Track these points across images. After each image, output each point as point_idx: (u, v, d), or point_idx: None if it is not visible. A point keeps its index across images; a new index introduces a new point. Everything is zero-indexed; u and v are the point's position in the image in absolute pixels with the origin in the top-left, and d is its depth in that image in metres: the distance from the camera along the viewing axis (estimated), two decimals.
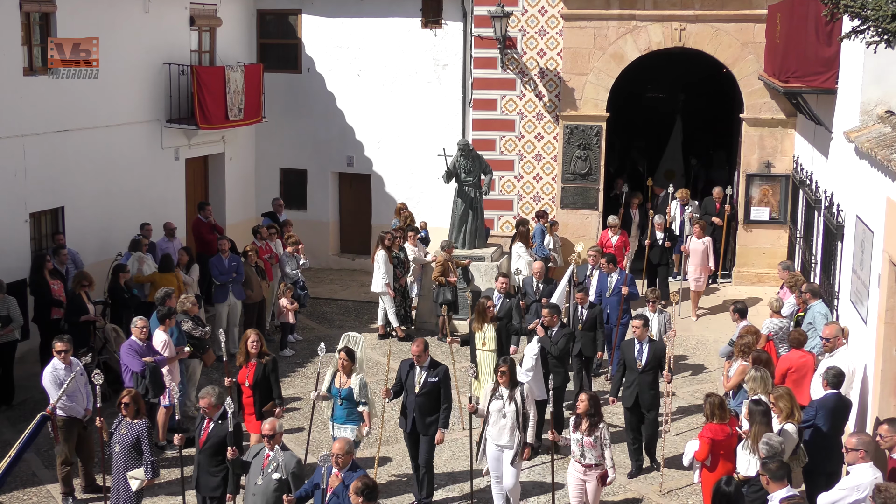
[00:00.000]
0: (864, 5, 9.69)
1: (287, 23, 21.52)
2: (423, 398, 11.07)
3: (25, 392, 14.06)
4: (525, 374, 11.86)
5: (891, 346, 10.56)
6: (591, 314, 13.82)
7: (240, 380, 11.53)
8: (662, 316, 13.80)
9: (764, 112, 18.98)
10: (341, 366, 11.22)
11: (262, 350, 11.59)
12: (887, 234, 10.56)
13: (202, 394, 10.13)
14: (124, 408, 10.16)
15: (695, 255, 17.50)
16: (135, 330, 12.13)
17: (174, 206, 18.88)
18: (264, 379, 11.45)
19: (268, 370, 11.49)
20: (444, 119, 20.61)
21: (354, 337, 12.39)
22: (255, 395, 11.40)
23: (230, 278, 15.81)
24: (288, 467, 9.28)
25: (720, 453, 9.77)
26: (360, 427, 11.23)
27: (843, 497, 8.50)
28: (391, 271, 16.85)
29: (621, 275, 15.13)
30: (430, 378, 11.06)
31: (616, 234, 17.94)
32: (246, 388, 11.44)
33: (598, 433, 10.04)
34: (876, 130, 11.54)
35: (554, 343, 12.58)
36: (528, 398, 10.64)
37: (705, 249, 17.48)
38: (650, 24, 19.08)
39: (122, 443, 10.05)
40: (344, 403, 11.19)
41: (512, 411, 10.51)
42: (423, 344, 11.18)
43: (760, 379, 10.37)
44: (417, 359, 11.11)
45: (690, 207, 19.17)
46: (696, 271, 17.57)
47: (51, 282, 14.43)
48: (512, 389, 10.58)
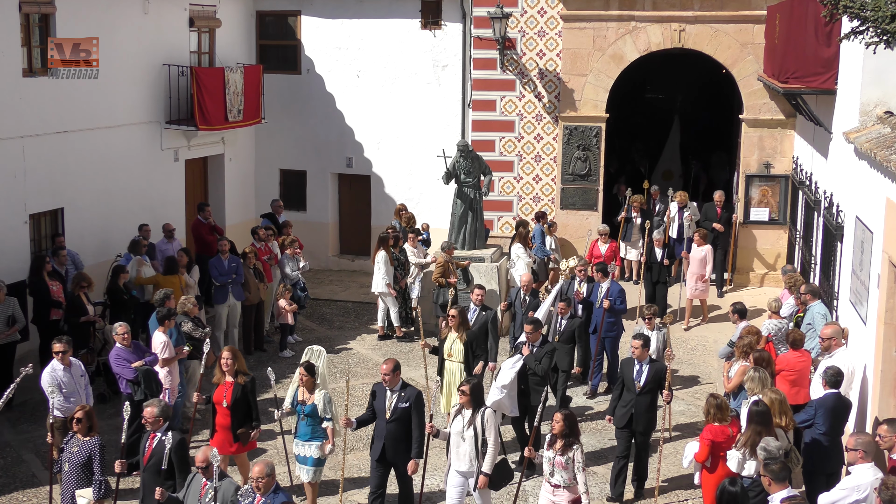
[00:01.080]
0: (864, 6, 9.69)
1: (286, 24, 21.53)
2: (395, 425, 10.27)
3: (25, 393, 14.02)
4: (499, 389, 11.21)
5: (890, 347, 10.56)
6: (570, 326, 13.43)
7: (216, 399, 11.00)
8: (661, 333, 13.21)
9: (763, 113, 18.99)
10: (301, 381, 10.70)
11: (238, 368, 10.99)
12: (887, 235, 10.57)
13: (146, 405, 9.64)
14: (76, 424, 9.66)
15: (694, 263, 17.12)
16: (117, 337, 12.05)
17: (174, 208, 18.88)
18: (243, 399, 10.91)
19: (247, 390, 10.94)
20: (444, 120, 20.62)
21: (317, 350, 11.64)
22: (232, 416, 10.87)
23: (230, 279, 15.82)
24: (226, 496, 8.66)
25: (720, 455, 9.76)
26: (323, 444, 10.69)
27: (844, 497, 8.51)
28: (391, 272, 16.85)
29: (613, 286, 14.59)
30: (401, 403, 10.26)
31: (606, 244, 17.67)
32: (222, 408, 10.90)
33: (570, 454, 9.48)
34: (875, 131, 11.54)
35: (537, 361, 11.96)
36: (489, 424, 9.90)
37: (704, 258, 17.09)
38: (649, 25, 19.09)
39: (72, 461, 9.59)
40: (307, 420, 10.66)
41: (471, 436, 9.89)
42: (394, 364, 10.38)
43: (759, 379, 10.38)
44: (386, 380, 10.31)
45: (689, 210, 18.89)
46: (693, 279, 17.19)
47: (50, 283, 14.43)
48: (474, 412, 9.91)
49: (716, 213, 18.68)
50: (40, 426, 12.70)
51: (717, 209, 18.71)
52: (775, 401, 10.01)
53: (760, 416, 9.60)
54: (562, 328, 13.36)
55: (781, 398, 10.11)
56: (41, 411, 13.08)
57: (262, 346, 16.62)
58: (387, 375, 10.28)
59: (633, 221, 19.12)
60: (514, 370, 11.38)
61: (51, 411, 10.54)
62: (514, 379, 11.33)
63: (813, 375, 11.35)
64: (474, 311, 13.45)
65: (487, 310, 13.41)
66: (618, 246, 18.79)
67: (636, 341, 11.37)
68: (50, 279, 14.48)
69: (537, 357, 12.00)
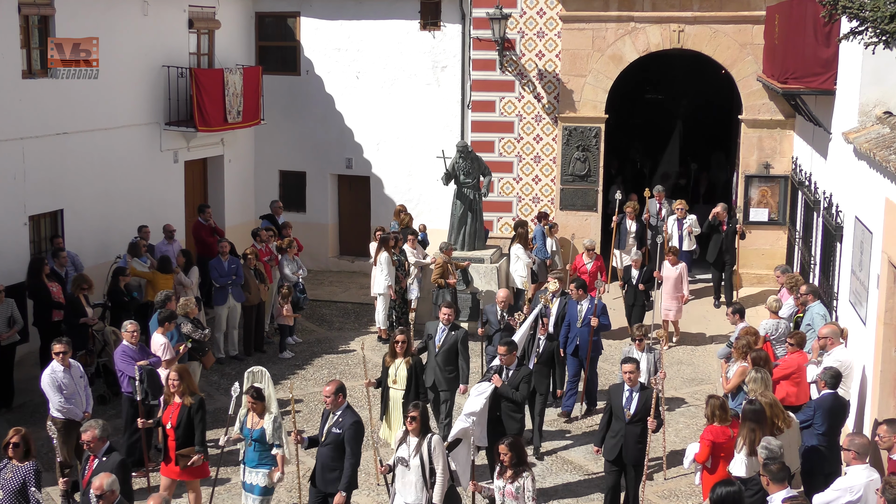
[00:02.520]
0: (863, 6, 9.69)
1: (286, 25, 21.53)
2: (327, 450, 9.72)
3: (25, 395, 14.06)
4: (466, 417, 10.38)
5: (890, 347, 10.57)
6: (549, 347, 12.61)
7: (163, 421, 10.64)
8: (652, 355, 12.42)
9: (763, 113, 18.99)
10: (251, 408, 10.23)
11: (186, 389, 10.56)
12: (886, 235, 10.57)
13: (84, 427, 9.16)
14: (12, 449, 9.13)
15: (667, 282, 16.34)
16: (125, 334, 12.06)
17: (173, 209, 18.88)
18: (188, 422, 10.43)
19: (192, 412, 10.43)
20: (443, 121, 20.62)
21: (259, 372, 10.81)
22: (176, 438, 10.41)
23: (230, 281, 15.83)
24: None
25: (721, 455, 9.78)
26: (272, 471, 10.15)
27: (837, 498, 8.53)
28: (393, 273, 16.86)
29: (592, 303, 13.66)
30: (335, 428, 9.66)
31: (591, 259, 16.87)
32: (169, 431, 10.50)
33: (520, 482, 9.06)
34: (874, 131, 11.55)
35: (514, 387, 11.16)
36: (437, 452, 9.40)
37: (679, 276, 16.33)
38: (649, 26, 19.09)
39: (6, 489, 9.00)
40: (255, 445, 10.16)
41: (417, 465, 9.37)
42: (336, 386, 9.79)
43: (761, 380, 10.39)
44: (327, 402, 9.73)
45: (688, 222, 18.27)
46: (668, 300, 16.37)
47: (49, 284, 14.43)
48: (421, 439, 9.41)
49: (720, 230, 18.01)
50: (40, 427, 12.68)
51: (721, 226, 17.99)
52: (766, 405, 10.02)
53: (754, 414, 9.63)
54: (541, 349, 12.55)
55: (772, 401, 10.12)
56: (41, 413, 13.07)
57: (262, 347, 16.63)
58: (328, 397, 9.75)
59: (628, 228, 18.57)
60: (483, 397, 10.63)
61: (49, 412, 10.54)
62: (484, 406, 10.57)
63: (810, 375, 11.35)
64: (443, 331, 12.45)
65: (457, 328, 12.52)
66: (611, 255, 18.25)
67: (627, 366, 10.64)
68: (49, 281, 14.48)
69: (513, 383, 11.19)
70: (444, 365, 12.31)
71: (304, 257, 18.11)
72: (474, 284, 17.13)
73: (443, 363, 12.31)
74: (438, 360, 12.31)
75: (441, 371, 12.32)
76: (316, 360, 16.16)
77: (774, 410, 10.00)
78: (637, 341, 12.45)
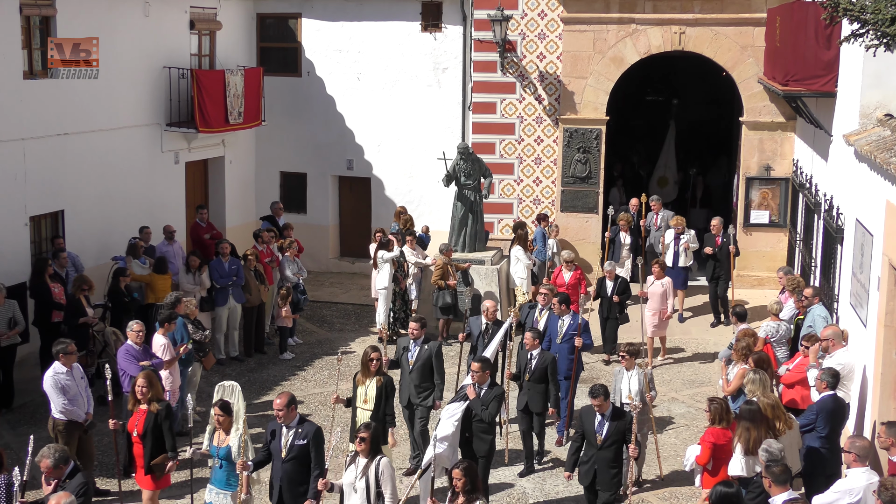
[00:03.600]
0: (864, 9, 9.69)
1: (287, 26, 21.54)
2: (291, 465, 9.38)
3: (25, 396, 14.06)
4: (439, 444, 10.06)
5: (890, 350, 10.56)
6: (542, 362, 11.89)
7: (129, 428, 10.32)
8: (641, 374, 11.52)
9: (763, 115, 18.99)
10: (217, 422, 9.87)
11: (153, 395, 10.27)
12: (887, 238, 10.57)
13: (39, 457, 8.59)
14: None
15: (652, 298, 15.60)
16: (130, 334, 12.08)
17: (174, 210, 18.89)
18: (155, 428, 10.15)
19: (160, 419, 10.15)
20: (444, 122, 20.63)
21: (230, 386, 10.48)
22: (144, 446, 10.16)
23: (230, 282, 15.83)
24: None
25: (722, 457, 9.78)
26: (237, 492, 9.74)
27: (837, 500, 8.53)
28: (392, 273, 16.87)
29: (575, 319, 13.00)
30: (297, 440, 9.34)
31: (570, 271, 16.14)
32: (135, 439, 10.20)
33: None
34: (875, 134, 11.55)
35: (484, 406, 10.61)
36: (385, 475, 9.01)
37: (664, 292, 15.55)
38: (649, 28, 19.09)
39: None
40: (223, 465, 9.79)
41: (363, 488, 8.97)
42: (288, 398, 9.46)
43: (759, 381, 10.39)
44: (280, 416, 9.41)
45: (686, 237, 17.49)
46: (653, 316, 15.61)
47: (51, 285, 14.44)
48: (369, 461, 9.01)
49: (714, 243, 17.39)
50: (41, 428, 12.69)
51: (715, 239, 17.41)
52: (767, 406, 10.03)
53: (749, 414, 9.64)
54: (532, 365, 11.93)
55: (774, 402, 10.14)
56: (41, 413, 13.09)
57: (262, 348, 16.63)
58: (280, 411, 9.39)
59: (621, 241, 18.06)
60: (453, 419, 10.29)
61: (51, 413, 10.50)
62: (455, 430, 10.26)
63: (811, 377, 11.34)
64: (415, 346, 11.83)
65: (430, 342, 11.92)
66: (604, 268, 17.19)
67: (595, 400, 10.18)
68: (51, 281, 14.49)
69: (484, 401, 10.63)
70: (418, 382, 11.74)
71: (304, 258, 18.12)
72: (474, 286, 17.12)
73: (417, 380, 11.73)
74: (413, 376, 11.74)
75: (416, 388, 11.76)
76: (316, 361, 16.16)
77: (776, 412, 10.00)
78: (624, 359, 11.53)
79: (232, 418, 9.90)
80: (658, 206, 18.71)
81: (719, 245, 17.33)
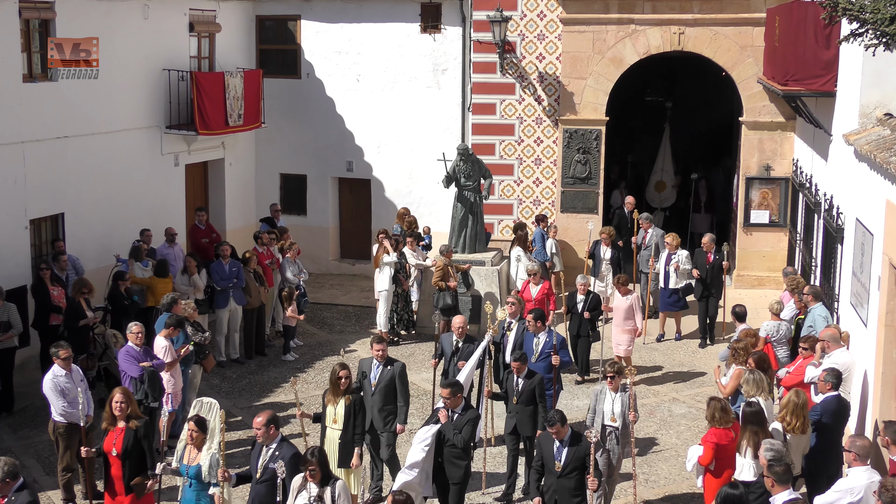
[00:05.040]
0: (863, 8, 9.70)
1: (286, 28, 21.54)
2: (263, 487, 9.06)
3: (26, 399, 14.05)
4: (407, 471, 9.76)
5: (891, 349, 10.56)
6: (529, 385, 11.22)
7: (105, 448, 9.87)
8: (625, 395, 10.84)
9: (763, 115, 19.00)
10: (190, 438, 9.49)
11: (131, 412, 9.90)
12: (887, 237, 10.57)
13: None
14: None
15: (617, 312, 14.78)
16: (130, 336, 12.07)
17: (174, 212, 18.88)
18: (135, 446, 9.76)
19: (139, 436, 9.77)
20: (444, 124, 20.63)
21: (208, 403, 10.15)
22: (123, 466, 9.73)
23: (231, 284, 15.83)
24: None
25: (724, 458, 9.76)
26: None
27: (838, 499, 8.55)
28: (392, 275, 16.86)
29: (551, 335, 12.46)
30: (272, 463, 8.98)
31: (538, 285, 15.20)
32: (113, 458, 9.78)
33: None
34: (875, 133, 11.55)
35: (457, 430, 10.09)
36: (342, 498, 8.70)
37: (630, 307, 14.64)
38: (649, 28, 19.10)
39: None
40: (193, 484, 9.39)
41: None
42: (267, 418, 9.16)
43: (754, 381, 10.40)
44: (258, 434, 9.09)
45: (678, 257, 16.51)
46: (618, 332, 14.79)
47: (51, 288, 14.44)
48: (322, 487, 8.62)
49: (705, 260, 16.42)
50: (41, 431, 12.71)
51: (706, 256, 16.46)
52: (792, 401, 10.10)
53: (755, 416, 9.63)
54: (520, 389, 11.26)
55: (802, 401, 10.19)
56: (42, 417, 13.08)
57: (262, 350, 16.63)
58: (259, 430, 9.09)
59: (601, 255, 17.17)
60: (423, 444, 9.92)
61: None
62: (426, 455, 9.85)
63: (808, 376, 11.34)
64: (377, 368, 11.19)
65: (393, 363, 11.25)
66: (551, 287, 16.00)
67: (552, 428, 9.62)
68: (51, 284, 14.48)
69: (457, 425, 10.11)
70: (381, 405, 11.08)
71: (304, 260, 18.12)
72: (475, 287, 17.12)
73: (380, 403, 11.07)
74: (375, 399, 11.08)
75: (379, 412, 11.08)
76: (317, 363, 16.16)
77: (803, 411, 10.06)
78: (608, 379, 10.82)
79: (206, 436, 9.58)
80: (648, 224, 17.66)
81: (710, 262, 16.37)
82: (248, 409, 14.14)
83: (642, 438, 13.06)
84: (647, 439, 13.14)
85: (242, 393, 14.94)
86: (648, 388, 14.90)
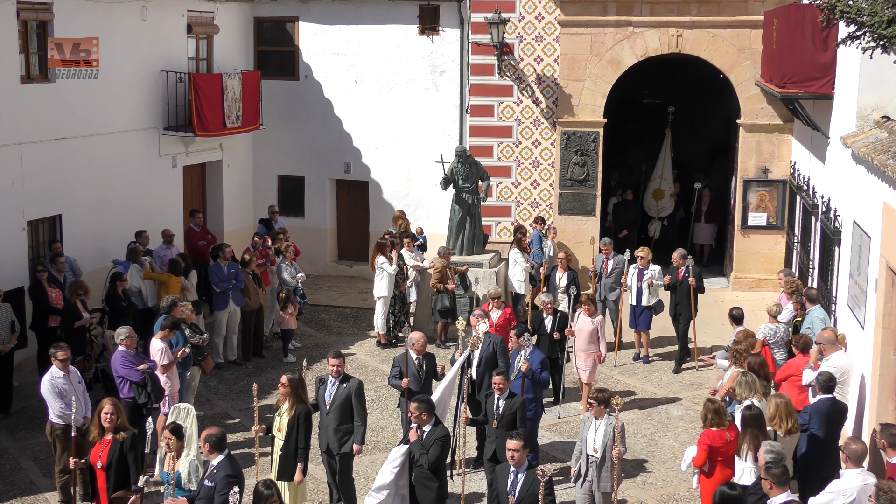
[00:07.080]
0: (860, 11, 9.71)
1: (284, 30, 21.55)
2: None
3: (23, 400, 14.05)
4: (374, 494, 9.35)
5: (888, 351, 10.58)
6: (510, 408, 10.51)
7: (92, 460, 9.77)
8: (610, 423, 10.04)
9: (761, 117, 19.01)
10: (167, 446, 9.39)
11: (119, 423, 9.74)
12: (884, 239, 10.58)
13: None
14: None
15: (580, 335, 13.65)
16: (124, 341, 11.92)
17: (172, 214, 18.88)
18: (121, 459, 9.60)
19: (125, 448, 9.60)
20: (442, 126, 20.64)
21: (185, 409, 9.99)
22: (108, 478, 9.60)
23: (230, 285, 15.84)
24: None
25: (718, 459, 9.76)
26: None
27: (831, 500, 8.56)
28: (392, 282, 16.85)
29: (535, 354, 11.77)
30: (207, 481, 8.72)
31: (500, 309, 14.03)
32: (99, 471, 9.69)
33: None
34: (872, 136, 11.58)
35: (423, 450, 9.53)
36: None
37: (595, 330, 13.64)
38: (647, 31, 19.11)
39: None
40: (176, 492, 9.31)
41: None
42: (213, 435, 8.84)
43: (746, 383, 10.40)
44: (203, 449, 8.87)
45: (650, 272, 15.75)
46: (582, 357, 13.74)
47: (48, 289, 14.43)
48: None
49: (676, 276, 15.67)
50: (39, 433, 12.70)
51: (677, 272, 15.69)
52: (780, 404, 10.05)
53: (755, 420, 9.63)
54: (500, 411, 10.58)
55: (786, 401, 10.15)
56: (39, 418, 13.07)
57: (260, 352, 16.63)
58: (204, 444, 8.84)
59: (555, 282, 15.96)
60: (392, 465, 9.51)
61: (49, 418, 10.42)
62: (395, 477, 9.48)
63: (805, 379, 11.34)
64: (333, 385, 10.62)
65: (349, 380, 10.64)
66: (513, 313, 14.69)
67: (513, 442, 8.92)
68: (49, 286, 14.48)
69: (425, 445, 9.54)
70: (337, 424, 10.52)
71: (302, 262, 18.11)
72: (472, 289, 17.11)
73: (336, 422, 10.52)
74: (330, 418, 10.54)
75: (335, 431, 10.54)
76: (315, 364, 16.14)
77: (789, 409, 10.03)
78: (593, 406, 10.13)
79: (183, 443, 9.47)
80: (609, 249, 16.39)
81: (680, 279, 15.62)
82: (246, 410, 14.13)
83: (641, 439, 13.09)
84: (645, 440, 13.17)
85: (240, 395, 14.93)
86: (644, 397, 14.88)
